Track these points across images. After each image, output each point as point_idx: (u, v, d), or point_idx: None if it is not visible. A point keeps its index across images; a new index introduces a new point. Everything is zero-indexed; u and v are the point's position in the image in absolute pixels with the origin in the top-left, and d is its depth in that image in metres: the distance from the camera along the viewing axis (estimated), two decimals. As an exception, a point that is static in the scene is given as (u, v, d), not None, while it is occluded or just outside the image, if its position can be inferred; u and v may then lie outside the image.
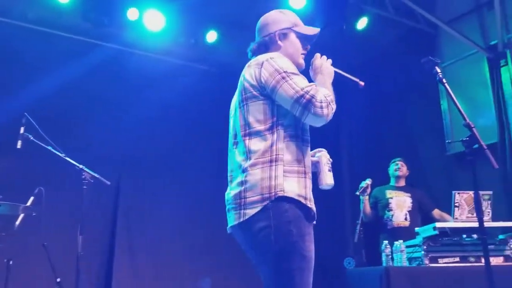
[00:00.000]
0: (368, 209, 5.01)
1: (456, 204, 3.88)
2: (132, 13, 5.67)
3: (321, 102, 1.88)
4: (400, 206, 5.02)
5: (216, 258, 6.05)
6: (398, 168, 5.23)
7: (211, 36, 6.36)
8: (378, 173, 5.45)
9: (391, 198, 5.06)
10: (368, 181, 4.68)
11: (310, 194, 1.98)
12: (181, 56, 6.68)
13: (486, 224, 3.85)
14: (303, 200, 1.93)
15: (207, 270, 6.01)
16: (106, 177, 4.08)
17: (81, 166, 3.72)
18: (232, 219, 2.00)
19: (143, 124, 6.07)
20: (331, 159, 2.17)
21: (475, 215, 3.90)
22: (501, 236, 3.96)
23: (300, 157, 1.97)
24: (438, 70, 2.03)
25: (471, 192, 3.92)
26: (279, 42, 2.17)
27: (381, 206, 5.09)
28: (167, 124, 6.29)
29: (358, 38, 5.86)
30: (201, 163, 6.40)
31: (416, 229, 3.97)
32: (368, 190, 4.75)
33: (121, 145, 5.89)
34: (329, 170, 2.12)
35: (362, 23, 5.82)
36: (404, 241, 3.77)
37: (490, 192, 3.94)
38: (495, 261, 3.77)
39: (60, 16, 5.70)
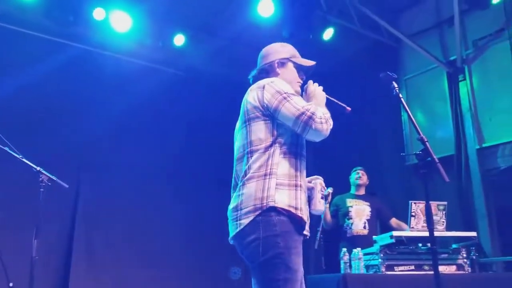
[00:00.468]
0: (328, 217, 5.09)
1: (413, 214, 3.99)
2: (98, 13, 5.59)
3: (320, 118, 2.04)
4: (359, 214, 5.10)
5: (175, 261, 6.03)
6: (359, 177, 5.30)
7: (179, 40, 6.34)
8: (340, 182, 5.54)
9: (351, 206, 5.13)
10: (330, 190, 4.73)
11: (302, 205, 2.06)
12: (148, 58, 6.62)
13: (440, 234, 4.02)
14: (293, 210, 2.02)
15: (165, 274, 5.96)
16: (67, 179, 3.98)
17: (38, 168, 3.61)
18: (231, 230, 2.12)
19: (106, 125, 5.96)
20: (325, 188, 2.32)
21: (430, 224, 4.07)
22: (454, 246, 4.10)
23: (293, 172, 2.10)
24: (395, 85, 2.10)
25: (427, 202, 4.05)
26: (278, 69, 2.33)
27: (341, 214, 5.17)
28: (129, 126, 6.21)
29: (324, 49, 5.97)
30: (162, 165, 6.35)
31: (374, 237, 4.06)
32: (329, 199, 4.81)
33: (82, 147, 5.77)
34: (322, 198, 2.25)
35: (328, 34, 5.93)
36: (362, 249, 3.85)
37: (445, 203, 4.08)
38: (448, 269, 3.90)
39: (24, 13, 5.54)
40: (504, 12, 5.39)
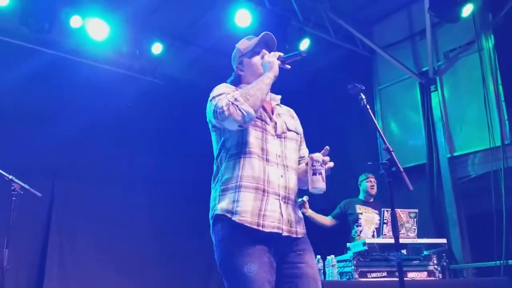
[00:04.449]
0: (328, 221, 5.02)
1: (385, 221, 4.08)
2: (75, 21, 5.56)
3: (222, 108, 1.99)
4: (368, 222, 4.98)
5: (150, 271, 5.99)
6: (373, 186, 5.12)
7: (156, 48, 6.35)
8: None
9: (361, 213, 5.00)
10: (305, 198, 4.76)
11: (242, 207, 2.00)
12: (125, 66, 6.62)
13: (411, 241, 4.11)
14: (229, 215, 2.02)
15: (140, 284, 5.92)
16: (40, 187, 3.94)
17: (10, 177, 3.57)
18: None
19: (81, 133, 5.91)
20: (319, 161, 2.07)
21: (402, 231, 4.16)
22: (425, 252, 4.20)
23: (236, 173, 2.06)
24: (363, 97, 2.16)
25: (399, 210, 4.14)
26: (241, 73, 2.31)
27: (351, 220, 5.03)
28: (105, 134, 6.18)
29: (300, 59, 6.04)
30: (138, 173, 6.33)
31: (348, 244, 4.12)
32: (306, 206, 4.79)
33: (56, 155, 5.73)
34: (314, 174, 2.05)
35: (304, 44, 6.03)
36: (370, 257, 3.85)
37: (416, 210, 4.17)
38: (419, 276, 3.98)
39: (-2, 20, 5.49)
40: (474, 25, 5.57)
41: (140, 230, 6.17)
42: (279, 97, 2.35)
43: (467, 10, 5.30)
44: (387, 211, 4.07)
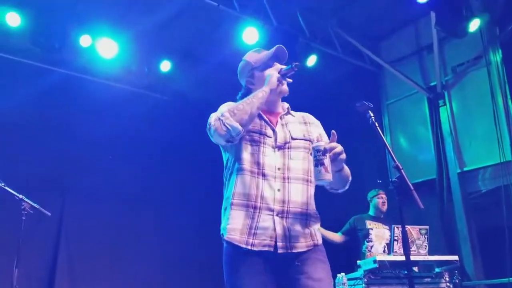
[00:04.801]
0: (337, 238, 5.01)
1: (395, 238, 4.04)
2: (84, 40, 5.64)
3: (210, 124, 2.04)
4: (379, 238, 4.97)
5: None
6: (384, 203, 5.14)
7: (165, 66, 6.41)
8: (325, 206, 5.55)
9: (371, 229, 4.99)
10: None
11: (231, 225, 2.00)
12: (134, 83, 6.68)
13: (423, 258, 4.07)
14: (224, 235, 2.04)
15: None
16: (50, 205, 3.96)
17: (20, 196, 3.59)
18: None
19: (91, 151, 5.96)
20: (320, 150, 1.92)
21: (413, 248, 4.11)
22: (437, 270, 4.14)
23: (231, 191, 2.06)
24: (371, 114, 2.16)
25: (410, 227, 4.10)
26: (251, 86, 2.25)
27: (361, 236, 5.03)
28: (115, 152, 6.21)
29: (307, 75, 6.08)
30: (147, 191, 6.34)
31: (358, 261, 4.08)
32: None
33: (66, 172, 5.75)
34: (316, 166, 1.90)
35: (311, 61, 6.05)
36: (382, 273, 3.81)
37: (427, 227, 4.14)
38: (431, 293, 3.93)
39: (9, 39, 5.57)
40: (481, 39, 5.56)
41: (149, 248, 6.15)
42: (286, 105, 2.30)
43: (474, 25, 5.30)
44: (397, 228, 4.04)
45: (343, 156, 1.98)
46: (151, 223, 6.32)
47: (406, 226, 3.93)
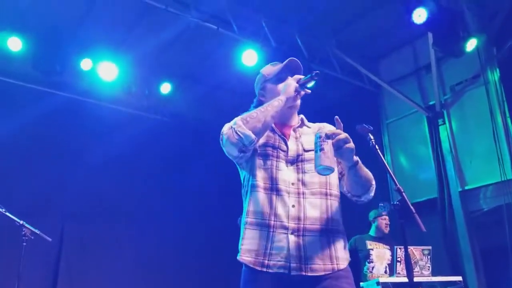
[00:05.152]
0: None
1: (398, 259, 4.02)
2: (85, 64, 5.70)
3: (222, 133, 1.96)
4: (380, 258, 4.84)
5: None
6: (387, 224, 5.06)
7: (165, 88, 6.47)
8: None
9: (372, 249, 4.91)
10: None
11: (245, 246, 1.92)
12: (134, 105, 6.72)
13: (426, 279, 4.03)
14: (239, 256, 1.95)
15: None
16: (50, 229, 3.94)
17: (21, 222, 3.58)
18: None
19: (92, 174, 5.95)
20: (321, 136, 1.81)
21: (416, 269, 4.08)
22: (440, 291, 4.11)
23: (246, 210, 1.97)
24: (371, 137, 2.14)
25: (412, 247, 4.08)
26: (262, 98, 2.17)
27: (362, 256, 4.95)
28: (115, 174, 6.20)
29: (306, 96, 6.10)
30: (147, 212, 6.32)
31: (361, 284, 4.04)
32: None
33: (67, 197, 5.73)
34: (315, 152, 1.80)
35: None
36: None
37: (429, 247, 4.11)
38: (435, 315, 3.88)
39: (11, 64, 5.63)
40: (479, 58, 5.61)
41: (151, 271, 6.09)
42: (301, 117, 2.22)
43: (471, 45, 5.34)
44: (400, 249, 4.01)
45: (350, 145, 1.84)
46: (152, 245, 6.27)
47: (408, 246, 3.92)
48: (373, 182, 2.04)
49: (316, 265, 1.84)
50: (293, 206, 1.90)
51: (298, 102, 2.14)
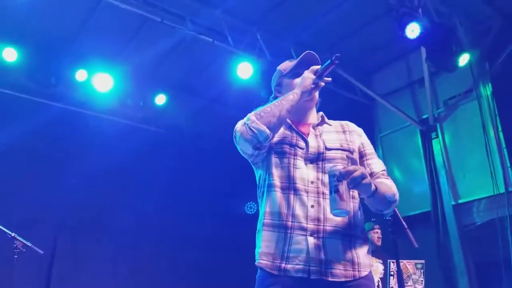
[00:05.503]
0: None
1: (391, 273, 4.00)
2: (80, 75, 5.71)
3: (236, 130, 1.88)
4: (372, 272, 4.81)
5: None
6: (379, 238, 4.95)
7: (160, 99, 6.48)
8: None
9: None
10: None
11: (263, 249, 1.83)
12: (129, 117, 6.72)
13: (419, 293, 4.02)
14: (256, 260, 1.85)
15: None
16: (43, 240, 3.91)
17: (13, 234, 3.55)
18: None
19: (85, 185, 5.90)
20: (335, 175, 1.69)
21: (409, 283, 4.08)
22: (434, 305, 4.10)
23: (263, 211, 1.89)
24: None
25: (406, 261, 4.07)
26: (278, 94, 2.09)
27: None
28: (110, 185, 6.17)
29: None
30: (142, 226, 6.28)
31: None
32: None
33: (60, 208, 5.68)
34: (330, 193, 1.68)
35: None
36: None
37: (423, 261, 4.10)
38: (429, 330, 3.87)
39: (5, 74, 5.62)
40: (472, 73, 5.67)
41: (144, 285, 6.04)
42: (321, 114, 2.12)
43: (464, 60, 5.41)
44: (393, 263, 4.01)
45: (367, 180, 1.68)
46: (147, 258, 6.23)
47: (401, 260, 3.92)
48: (396, 195, 1.88)
49: (337, 270, 1.75)
50: (312, 206, 1.79)
51: (316, 95, 2.06)
